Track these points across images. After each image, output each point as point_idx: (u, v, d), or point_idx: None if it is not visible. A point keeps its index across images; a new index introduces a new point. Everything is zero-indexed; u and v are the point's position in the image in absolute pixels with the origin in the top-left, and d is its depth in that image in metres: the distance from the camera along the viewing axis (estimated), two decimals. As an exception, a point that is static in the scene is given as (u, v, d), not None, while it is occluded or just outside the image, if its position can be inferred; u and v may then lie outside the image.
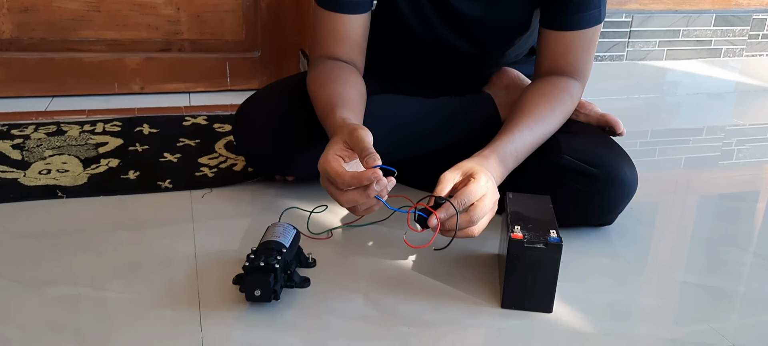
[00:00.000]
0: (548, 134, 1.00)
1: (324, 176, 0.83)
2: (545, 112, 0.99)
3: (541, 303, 0.81)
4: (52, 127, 1.40)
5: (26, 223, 0.99)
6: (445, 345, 0.75)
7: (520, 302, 0.82)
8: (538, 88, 1.03)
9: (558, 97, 1.01)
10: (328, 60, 1.04)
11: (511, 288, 0.81)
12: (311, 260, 0.90)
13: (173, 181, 1.16)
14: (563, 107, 1.02)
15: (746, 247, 1.03)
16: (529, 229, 0.81)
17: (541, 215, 0.85)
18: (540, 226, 0.82)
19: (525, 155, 0.97)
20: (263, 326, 0.76)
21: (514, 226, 0.81)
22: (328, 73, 1.00)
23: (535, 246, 0.78)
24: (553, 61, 1.05)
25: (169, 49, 1.71)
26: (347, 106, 0.92)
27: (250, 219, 1.04)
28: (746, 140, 1.60)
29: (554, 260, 0.79)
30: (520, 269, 0.80)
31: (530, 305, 0.82)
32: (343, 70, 1.01)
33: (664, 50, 1.93)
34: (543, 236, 0.79)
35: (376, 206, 0.83)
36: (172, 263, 0.89)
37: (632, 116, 1.72)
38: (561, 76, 1.04)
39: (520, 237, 0.79)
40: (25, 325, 0.75)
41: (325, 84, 0.98)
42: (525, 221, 0.82)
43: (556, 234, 0.79)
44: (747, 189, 1.28)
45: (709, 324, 0.82)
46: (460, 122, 1.10)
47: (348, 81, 0.99)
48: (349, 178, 0.80)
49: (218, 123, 1.48)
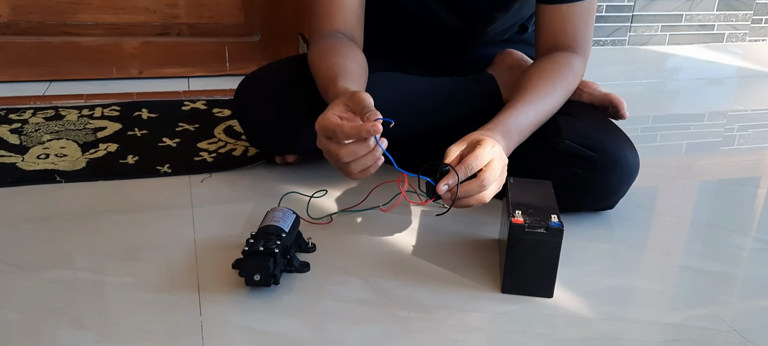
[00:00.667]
0: (552, 110, 1.00)
1: (322, 132, 0.82)
2: (547, 89, 0.99)
3: (541, 288, 0.81)
4: (50, 111, 1.40)
5: (24, 207, 0.99)
6: (444, 329, 0.75)
7: (521, 287, 0.82)
8: (539, 66, 1.03)
9: (559, 73, 1.01)
10: (328, 35, 1.03)
11: (511, 273, 0.81)
12: (311, 245, 0.90)
13: (172, 165, 1.15)
14: (565, 83, 1.01)
15: (746, 232, 1.03)
16: (529, 214, 0.80)
17: (542, 200, 0.85)
18: (541, 211, 0.81)
19: (529, 132, 0.97)
20: (262, 310, 0.76)
21: (514, 211, 0.80)
22: (328, 48, 1.00)
23: (536, 231, 0.78)
24: (552, 36, 1.05)
25: (167, 33, 1.70)
26: (348, 78, 0.92)
27: (249, 204, 1.03)
28: (748, 126, 1.60)
29: (555, 245, 0.78)
30: (520, 253, 0.80)
31: (530, 290, 0.82)
32: (343, 44, 1.01)
33: (667, 35, 1.92)
34: (544, 220, 0.79)
35: (377, 162, 0.82)
36: (171, 248, 0.89)
37: (634, 101, 1.71)
38: (562, 52, 1.04)
39: (521, 222, 0.78)
40: (24, 308, 0.75)
41: (325, 57, 0.98)
42: (526, 206, 0.82)
43: (557, 219, 0.79)
44: (748, 174, 1.28)
45: (709, 308, 0.81)
46: (461, 100, 1.10)
47: (348, 54, 0.98)
48: (349, 128, 0.79)
49: (217, 108, 1.47)
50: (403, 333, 0.74)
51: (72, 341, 0.70)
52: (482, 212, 1.03)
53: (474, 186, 0.83)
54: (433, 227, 0.98)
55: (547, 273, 0.80)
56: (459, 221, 1.00)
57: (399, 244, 0.93)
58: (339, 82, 0.90)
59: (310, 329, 0.74)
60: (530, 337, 0.74)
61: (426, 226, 0.99)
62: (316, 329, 0.74)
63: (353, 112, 0.82)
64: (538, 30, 1.07)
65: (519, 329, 0.75)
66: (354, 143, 0.80)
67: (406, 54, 1.20)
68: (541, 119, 0.98)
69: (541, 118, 0.98)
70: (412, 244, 0.93)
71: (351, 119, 0.82)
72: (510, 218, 0.79)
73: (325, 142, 0.82)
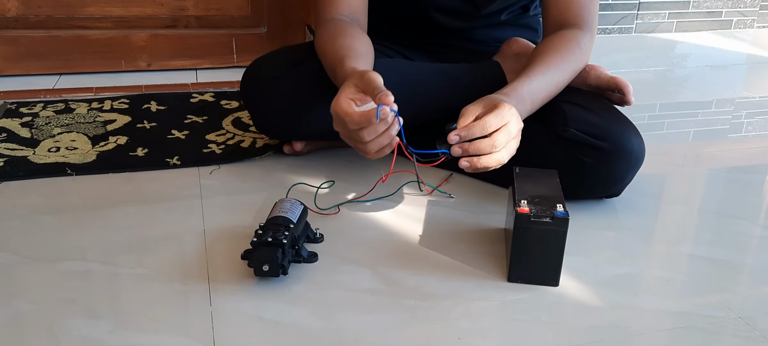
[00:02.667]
0: (562, 84, 1.02)
1: (336, 119, 0.85)
2: (557, 62, 1.01)
3: (547, 277, 0.82)
4: (60, 105, 1.41)
5: (36, 200, 1.00)
6: (452, 318, 0.75)
7: (527, 276, 0.82)
8: (548, 42, 1.05)
9: (568, 49, 1.03)
10: (334, 20, 1.05)
11: (517, 262, 0.81)
12: (319, 235, 0.90)
13: (181, 157, 1.16)
14: (574, 58, 1.03)
15: (754, 219, 1.03)
16: (535, 203, 0.81)
17: (548, 189, 0.85)
18: (547, 200, 0.82)
19: (540, 103, 0.98)
20: (272, 300, 0.77)
21: (520, 200, 0.81)
22: (335, 29, 1.01)
23: (542, 220, 0.78)
24: (557, 14, 1.07)
25: (175, 26, 1.70)
26: (356, 58, 0.93)
27: (257, 195, 1.04)
28: (756, 113, 1.59)
29: (561, 234, 0.79)
30: (526, 242, 0.80)
31: (537, 279, 0.82)
32: (349, 26, 1.03)
33: (674, 22, 1.91)
34: (550, 209, 0.79)
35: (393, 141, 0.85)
36: (181, 239, 0.90)
37: (641, 89, 1.71)
38: (569, 29, 1.06)
39: (527, 211, 0.79)
40: (38, 299, 0.76)
41: (332, 38, 0.99)
42: (532, 195, 0.82)
43: (563, 208, 0.79)
44: (756, 162, 1.28)
45: (716, 296, 0.82)
46: (467, 86, 1.10)
47: (355, 35, 1.00)
48: (359, 116, 0.82)
49: (225, 99, 1.48)
50: (412, 322, 0.74)
51: (86, 331, 0.71)
52: (488, 201, 1.03)
53: (485, 145, 0.84)
54: (440, 217, 0.99)
55: (553, 262, 0.81)
56: (466, 210, 1.01)
57: (406, 233, 0.93)
58: (346, 62, 0.91)
59: (319, 318, 0.75)
60: (537, 325, 0.75)
61: (433, 216, 0.99)
62: (325, 319, 0.74)
63: (364, 93, 0.84)
64: (545, 9, 1.09)
65: (526, 318, 0.76)
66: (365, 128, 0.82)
67: (409, 39, 1.21)
68: (552, 92, 1.00)
69: (552, 90, 1.00)
70: (420, 233, 0.94)
71: (362, 100, 0.85)
72: (516, 208, 0.79)
73: (339, 126, 0.85)
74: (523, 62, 1.11)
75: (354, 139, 0.85)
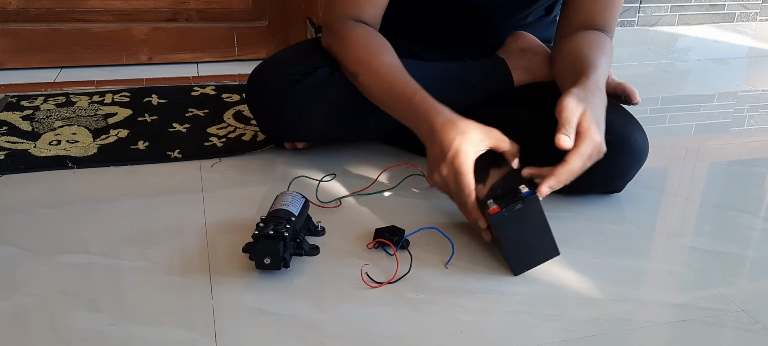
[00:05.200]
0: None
1: (465, 189, 0.84)
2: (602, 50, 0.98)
3: (546, 251, 0.81)
4: (61, 98, 1.41)
5: (38, 193, 1.00)
6: (455, 312, 0.75)
7: (528, 262, 0.82)
8: (583, 38, 1.02)
9: (603, 44, 1.00)
10: (353, 23, 1.02)
11: (514, 254, 0.81)
12: (320, 228, 0.90)
13: (182, 151, 1.16)
14: (609, 55, 1.00)
15: (756, 212, 1.03)
16: (499, 196, 0.80)
17: (501, 172, 0.84)
18: (507, 185, 0.81)
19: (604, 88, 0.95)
20: (273, 293, 0.77)
21: (486, 201, 0.81)
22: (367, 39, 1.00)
23: (515, 208, 0.78)
24: (585, 16, 1.05)
25: (176, 19, 1.70)
26: (422, 90, 0.92)
27: (259, 188, 1.04)
28: (758, 106, 1.58)
29: (537, 210, 0.78)
30: (512, 234, 0.80)
31: (538, 259, 0.82)
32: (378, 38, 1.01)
33: (676, 15, 1.90)
34: (516, 195, 0.78)
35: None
36: (183, 232, 0.90)
37: (643, 83, 1.70)
38: (595, 31, 1.04)
39: (498, 209, 0.79)
40: (40, 292, 0.76)
41: (377, 53, 0.98)
42: (492, 188, 0.82)
43: (526, 187, 0.79)
44: (758, 155, 1.27)
45: (719, 289, 0.82)
46: (473, 86, 1.09)
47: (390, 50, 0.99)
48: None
49: (227, 93, 1.48)
50: (413, 315, 0.74)
51: (88, 324, 0.71)
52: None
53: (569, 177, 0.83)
54: (441, 210, 0.98)
55: (544, 236, 0.80)
56: (468, 203, 1.01)
57: (408, 226, 0.93)
58: (421, 97, 0.91)
59: (321, 311, 0.75)
60: (540, 318, 0.75)
61: (434, 208, 0.99)
62: (327, 312, 0.74)
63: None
64: (570, 9, 1.06)
65: (528, 311, 0.76)
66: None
67: (427, 38, 1.19)
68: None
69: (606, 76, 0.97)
70: (421, 226, 0.93)
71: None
72: (487, 212, 0.79)
73: (445, 168, 0.85)
74: (528, 58, 1.10)
75: (440, 173, 0.85)
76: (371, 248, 0.87)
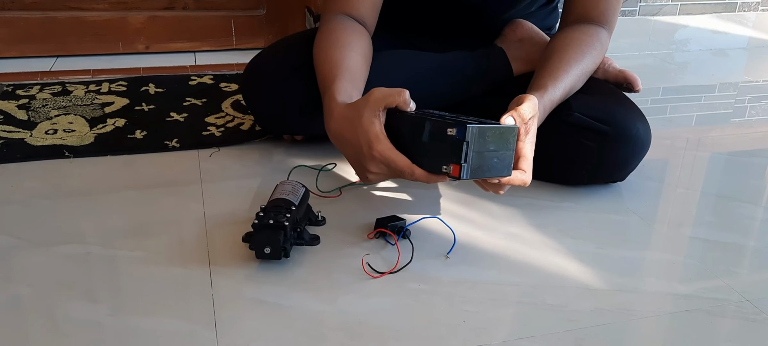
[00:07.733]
0: (578, 84, 0.99)
1: (387, 162, 0.80)
2: (577, 60, 0.97)
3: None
4: (57, 87, 1.39)
5: (34, 183, 0.99)
6: (455, 302, 0.75)
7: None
8: (569, 36, 1.01)
9: (589, 44, 0.99)
10: (339, 18, 1.01)
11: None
12: (320, 218, 0.90)
13: (180, 140, 1.15)
14: (594, 54, 1.00)
15: (758, 202, 1.02)
16: (444, 155, 0.75)
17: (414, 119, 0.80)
18: (441, 149, 0.76)
19: (556, 105, 0.95)
20: (273, 284, 0.76)
21: (440, 168, 0.76)
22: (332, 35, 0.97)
23: (468, 153, 0.73)
24: (583, 9, 1.04)
25: (173, 7, 1.69)
26: (346, 76, 0.89)
27: (258, 178, 1.03)
28: (759, 97, 1.58)
29: (480, 133, 0.74)
30: (480, 164, 0.76)
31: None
32: (348, 33, 0.97)
33: (678, 5, 1.89)
34: (456, 139, 0.73)
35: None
36: (181, 222, 0.89)
37: (644, 73, 1.69)
38: (590, 25, 1.03)
39: (458, 168, 0.74)
40: (37, 283, 0.75)
41: (330, 47, 0.95)
42: (433, 160, 0.77)
43: (452, 130, 0.74)
44: (759, 146, 1.27)
45: (721, 279, 0.81)
46: (472, 78, 1.08)
47: (352, 45, 0.95)
48: (420, 176, 0.78)
49: (224, 82, 1.47)
50: (415, 305, 0.74)
51: (85, 315, 0.70)
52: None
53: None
54: (442, 200, 0.98)
55: (507, 154, 0.78)
56: (467, 192, 1.00)
57: (408, 216, 0.92)
58: (337, 83, 0.88)
59: (321, 301, 0.74)
60: (542, 308, 0.74)
61: (434, 198, 0.98)
62: (327, 302, 0.74)
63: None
64: (568, 1, 1.06)
65: (531, 301, 0.75)
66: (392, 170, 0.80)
67: (423, 30, 1.18)
68: (568, 94, 0.97)
69: (567, 93, 0.97)
70: (422, 216, 0.93)
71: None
72: (450, 179, 0.76)
73: (373, 165, 0.81)
74: (527, 48, 1.09)
75: (370, 171, 0.81)
76: (372, 237, 0.86)
